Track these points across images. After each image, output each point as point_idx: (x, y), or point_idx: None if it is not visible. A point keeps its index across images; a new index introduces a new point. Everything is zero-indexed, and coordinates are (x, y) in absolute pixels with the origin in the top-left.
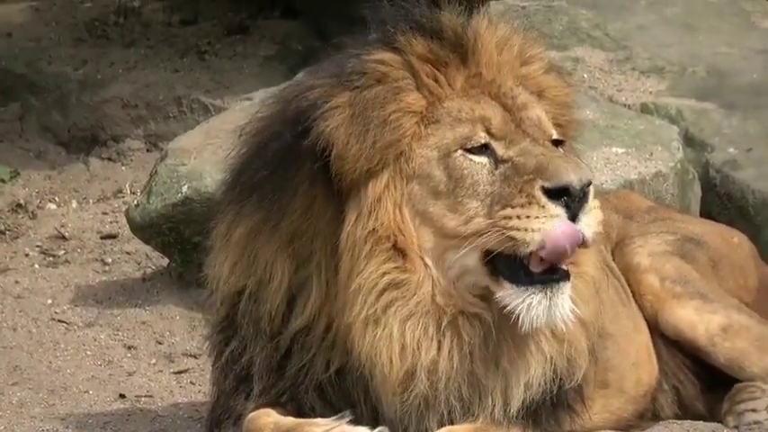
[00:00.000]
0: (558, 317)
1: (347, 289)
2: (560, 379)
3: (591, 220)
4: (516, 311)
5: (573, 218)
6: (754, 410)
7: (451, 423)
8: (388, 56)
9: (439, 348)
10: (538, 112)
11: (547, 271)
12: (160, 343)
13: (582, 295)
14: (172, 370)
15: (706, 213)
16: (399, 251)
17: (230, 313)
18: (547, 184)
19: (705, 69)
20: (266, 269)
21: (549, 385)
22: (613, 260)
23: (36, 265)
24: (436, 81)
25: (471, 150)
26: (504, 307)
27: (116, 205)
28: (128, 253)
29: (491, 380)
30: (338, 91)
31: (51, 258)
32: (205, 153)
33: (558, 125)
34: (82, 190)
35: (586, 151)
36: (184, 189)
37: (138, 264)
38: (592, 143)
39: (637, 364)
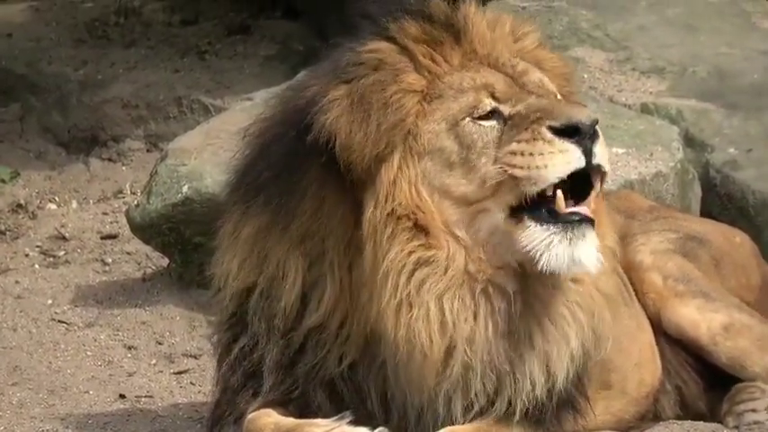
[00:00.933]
0: (579, 261)
1: (374, 277)
2: (587, 355)
3: (604, 153)
4: (536, 249)
5: (588, 152)
6: (753, 410)
7: (480, 412)
8: (381, 44)
9: (475, 317)
10: (539, 75)
11: (571, 213)
12: (160, 343)
13: (605, 271)
14: (172, 370)
15: (706, 214)
16: (421, 228)
17: (239, 310)
18: (554, 123)
19: (706, 70)
20: (278, 267)
21: (581, 360)
22: None
23: (36, 266)
24: (433, 60)
25: (479, 117)
26: (527, 252)
27: (116, 205)
28: (128, 253)
29: (527, 355)
30: (335, 84)
31: (51, 259)
32: (205, 153)
33: (560, 95)
34: (82, 190)
35: None
36: (185, 189)
37: (139, 264)
38: None
39: (640, 365)
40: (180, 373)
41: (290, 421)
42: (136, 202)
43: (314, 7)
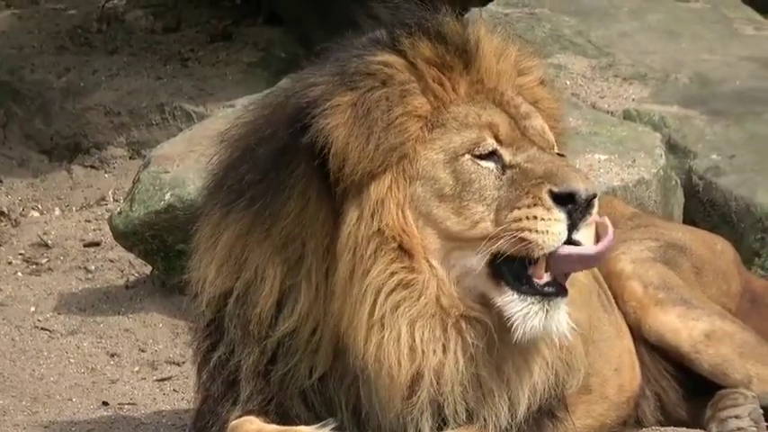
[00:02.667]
0: (553, 330)
1: (347, 291)
2: (561, 383)
3: (587, 234)
4: (513, 319)
5: (573, 226)
6: (737, 417)
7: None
8: (392, 58)
9: (444, 351)
10: (541, 122)
11: (548, 284)
12: (143, 350)
13: (575, 302)
14: (155, 377)
15: (689, 220)
16: (405, 251)
17: (217, 317)
18: (555, 189)
19: (688, 76)
20: (257, 272)
21: (551, 390)
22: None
23: (19, 273)
24: (441, 85)
25: (479, 156)
26: (502, 314)
27: (99, 213)
28: (111, 260)
29: (496, 385)
30: (341, 90)
31: (34, 266)
32: (188, 160)
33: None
34: (65, 198)
35: (569, 158)
36: (167, 196)
37: (122, 271)
38: (574, 150)
39: (619, 370)
40: (163, 380)
41: (274, 428)
42: (118, 210)
43: (296, 14)
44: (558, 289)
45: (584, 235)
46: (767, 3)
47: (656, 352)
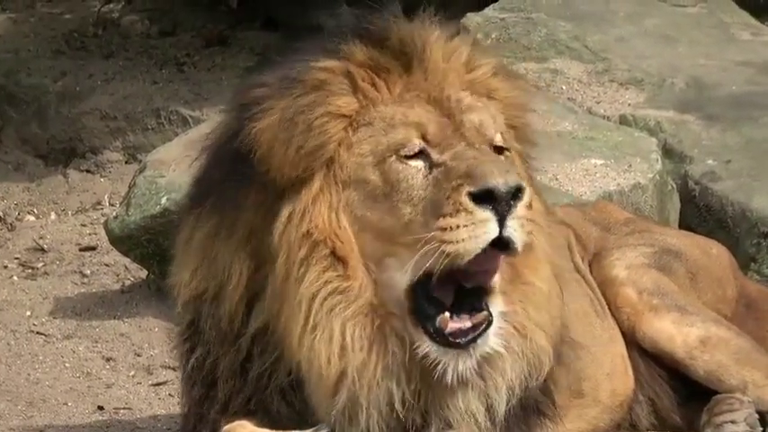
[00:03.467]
0: (485, 361)
1: (284, 294)
2: (531, 375)
3: (519, 227)
4: (442, 367)
5: (501, 221)
6: (732, 422)
7: None
8: (331, 63)
9: (369, 350)
10: (481, 117)
11: (457, 333)
12: (139, 355)
13: (533, 303)
14: (150, 382)
15: (685, 225)
16: (339, 258)
17: (195, 319)
18: (472, 189)
19: (684, 81)
20: (225, 270)
21: (527, 380)
22: (591, 272)
23: (15, 277)
24: (373, 85)
25: (406, 156)
26: (428, 358)
27: (95, 217)
28: (106, 265)
29: (423, 399)
30: (276, 95)
31: (30, 270)
32: (184, 165)
33: (512, 127)
34: (61, 202)
35: (565, 162)
36: (163, 201)
37: (117, 276)
38: (571, 154)
39: (612, 375)
40: (158, 384)
41: None
42: (114, 214)
43: (292, 19)
44: (469, 338)
45: (515, 227)
46: (762, 7)
47: (650, 358)
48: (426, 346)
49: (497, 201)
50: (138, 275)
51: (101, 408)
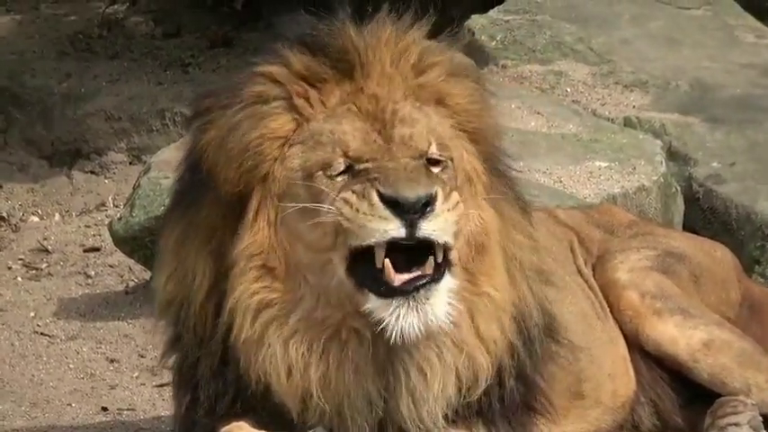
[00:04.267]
0: (430, 323)
1: (231, 307)
2: (468, 389)
3: (436, 226)
4: (385, 323)
5: (411, 225)
6: (736, 425)
7: None
8: (274, 69)
9: (327, 364)
10: (413, 129)
11: (408, 281)
12: (143, 356)
13: (482, 314)
14: (154, 383)
15: (689, 227)
16: (269, 270)
17: (174, 323)
18: (381, 189)
19: (688, 83)
20: (191, 272)
21: (461, 395)
22: (594, 275)
23: (18, 278)
24: (308, 100)
25: (331, 172)
26: (374, 320)
27: (99, 218)
28: (111, 266)
29: (401, 400)
30: (220, 105)
31: (34, 271)
32: None
33: (464, 131)
34: (65, 203)
35: (569, 165)
36: (167, 202)
37: (121, 277)
38: (575, 157)
39: (613, 376)
40: (162, 386)
41: None
42: (119, 215)
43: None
44: (424, 280)
45: (431, 229)
46: (767, 10)
47: (652, 360)
48: (369, 304)
49: (405, 210)
50: (142, 277)
51: (104, 409)
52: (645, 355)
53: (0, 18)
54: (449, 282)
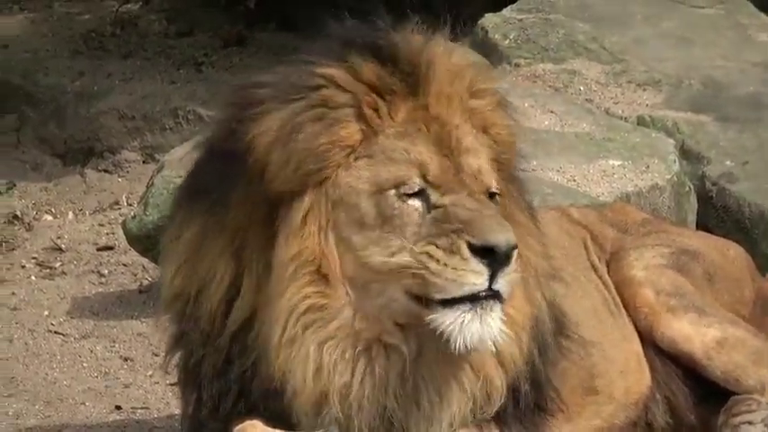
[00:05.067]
0: (487, 340)
1: (271, 308)
2: (480, 408)
3: (507, 284)
4: (448, 331)
5: (493, 276)
6: (750, 423)
7: None
8: (336, 73)
9: (352, 373)
10: (480, 162)
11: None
12: (156, 355)
13: (503, 335)
14: (168, 381)
15: (702, 226)
16: (322, 276)
17: (178, 319)
18: (473, 241)
19: (701, 82)
20: (210, 270)
21: (474, 414)
22: (608, 272)
23: (32, 277)
24: (376, 111)
25: (405, 191)
26: (433, 331)
27: (112, 217)
28: (124, 264)
29: (412, 418)
30: (277, 99)
31: (48, 270)
32: None
33: (497, 161)
34: (78, 201)
35: (582, 163)
36: (179, 189)
37: (135, 275)
38: (588, 156)
39: (626, 372)
40: (176, 384)
41: None
42: (132, 214)
43: (309, 20)
44: (488, 292)
45: (504, 284)
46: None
47: (667, 357)
48: (434, 314)
49: (495, 258)
50: (156, 275)
51: (118, 407)
52: (659, 351)
53: (13, 16)
54: (500, 307)
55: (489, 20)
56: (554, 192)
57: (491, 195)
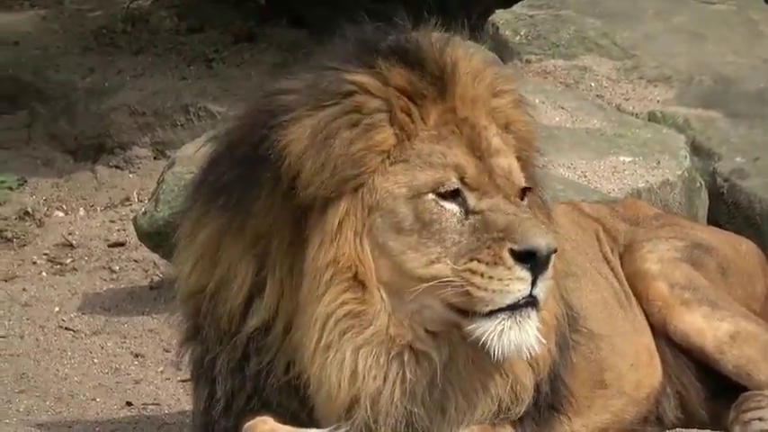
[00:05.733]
0: (524, 348)
1: (304, 312)
2: (505, 410)
3: (545, 289)
4: (487, 340)
5: (534, 282)
6: (760, 419)
7: None
8: (366, 79)
9: (384, 379)
10: (509, 161)
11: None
12: (167, 351)
13: (540, 343)
14: (179, 378)
15: (713, 222)
16: (359, 282)
17: (193, 315)
18: (516, 247)
19: (712, 78)
20: (229, 269)
21: (500, 415)
22: (621, 264)
23: (43, 273)
24: (409, 116)
25: (443, 195)
26: (465, 338)
27: (123, 213)
28: (135, 261)
29: (435, 424)
30: (307, 105)
31: (58, 266)
32: None
33: (518, 158)
34: (89, 198)
35: (593, 160)
36: (192, 187)
37: (146, 271)
38: (599, 152)
39: (636, 366)
40: (187, 380)
41: (287, 430)
42: (143, 210)
43: (318, 16)
44: (526, 300)
45: (542, 289)
46: None
47: (679, 351)
48: (473, 324)
49: (537, 262)
50: (167, 271)
51: (129, 403)
52: (672, 345)
53: (24, 13)
54: (536, 314)
55: (500, 16)
56: (565, 188)
57: (523, 192)
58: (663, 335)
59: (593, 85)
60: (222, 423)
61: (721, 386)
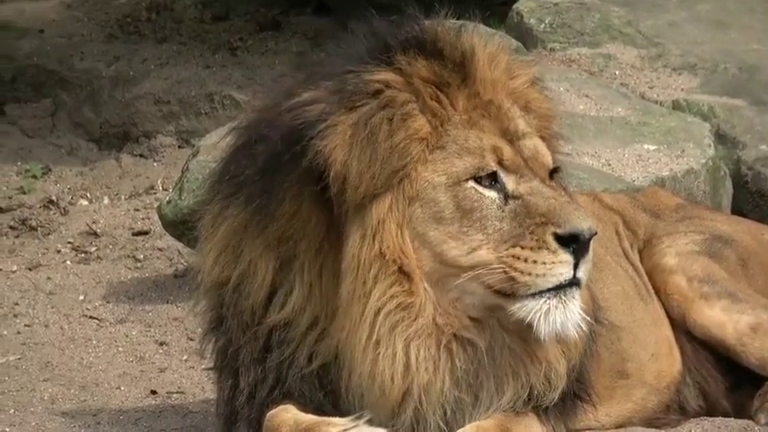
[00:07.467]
0: (568, 328)
1: (349, 309)
2: (537, 397)
3: (586, 272)
4: (534, 319)
5: (576, 265)
6: None
7: None
8: (390, 76)
9: (435, 370)
10: (534, 142)
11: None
12: (192, 339)
13: (585, 321)
14: (203, 366)
15: (737, 210)
16: (405, 274)
17: (216, 306)
18: (559, 231)
19: (737, 66)
20: (250, 265)
21: (531, 402)
22: (641, 259)
23: (68, 262)
24: (439, 102)
25: (482, 181)
26: (518, 318)
27: (148, 201)
28: (159, 249)
29: (467, 408)
30: (339, 110)
31: (83, 255)
32: None
33: (541, 137)
34: (113, 186)
35: (617, 148)
36: (213, 178)
37: (170, 260)
38: (624, 140)
39: (657, 356)
40: (211, 369)
41: (309, 418)
42: (167, 199)
43: (343, 4)
44: (570, 280)
45: (584, 271)
46: None
47: (698, 343)
48: (517, 304)
49: (580, 245)
50: (192, 260)
51: (154, 392)
52: (691, 338)
53: (49, 1)
54: (579, 294)
55: (524, 4)
56: (589, 176)
57: (552, 172)
58: (682, 328)
59: (617, 73)
60: (246, 413)
61: (743, 378)
